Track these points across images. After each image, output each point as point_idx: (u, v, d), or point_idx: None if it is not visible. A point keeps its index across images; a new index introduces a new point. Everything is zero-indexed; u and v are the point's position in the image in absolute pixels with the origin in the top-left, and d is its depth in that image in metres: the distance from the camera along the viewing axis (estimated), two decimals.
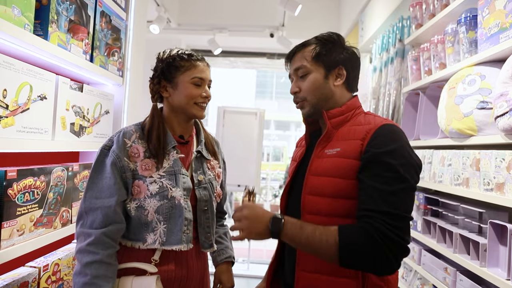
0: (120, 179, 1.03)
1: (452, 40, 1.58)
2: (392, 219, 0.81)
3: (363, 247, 0.80)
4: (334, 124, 0.98)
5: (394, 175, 0.84)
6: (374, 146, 0.87)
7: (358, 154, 0.89)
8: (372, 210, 0.82)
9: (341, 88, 1.00)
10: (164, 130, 1.10)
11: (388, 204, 0.82)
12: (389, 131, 0.90)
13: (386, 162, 0.84)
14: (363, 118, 0.97)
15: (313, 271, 0.93)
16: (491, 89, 1.29)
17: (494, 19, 1.28)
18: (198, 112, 1.11)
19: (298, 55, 1.02)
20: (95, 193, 1.03)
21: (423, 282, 1.79)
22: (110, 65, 1.64)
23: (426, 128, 1.81)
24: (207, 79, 1.12)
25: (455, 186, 1.46)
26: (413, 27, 2.01)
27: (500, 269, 1.22)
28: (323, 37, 1.01)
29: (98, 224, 1.00)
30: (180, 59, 1.10)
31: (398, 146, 0.87)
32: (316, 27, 3.90)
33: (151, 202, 1.02)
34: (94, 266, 0.97)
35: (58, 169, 1.29)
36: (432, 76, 1.75)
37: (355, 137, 0.92)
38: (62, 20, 1.27)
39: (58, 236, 1.30)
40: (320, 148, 0.98)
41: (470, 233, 1.40)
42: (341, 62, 0.99)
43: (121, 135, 1.08)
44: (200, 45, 4.32)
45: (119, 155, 1.04)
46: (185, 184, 1.06)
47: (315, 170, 0.95)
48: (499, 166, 1.21)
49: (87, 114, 1.48)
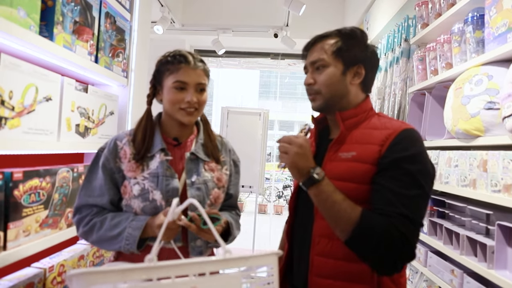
0: (110, 180, 1.07)
1: (459, 39, 1.56)
2: (411, 223, 0.81)
3: (379, 238, 0.79)
4: (347, 126, 0.95)
5: (411, 180, 0.83)
6: (394, 152, 0.86)
7: (375, 159, 0.87)
8: (392, 211, 0.81)
9: (356, 88, 0.97)
10: (152, 133, 1.09)
11: (407, 208, 0.81)
12: (409, 136, 0.89)
13: (404, 167, 0.84)
14: (378, 121, 0.95)
15: (327, 277, 0.91)
16: (498, 89, 1.28)
17: (501, 19, 1.26)
18: (183, 117, 1.06)
19: (318, 46, 0.97)
20: (88, 192, 1.08)
21: (429, 284, 1.77)
22: (114, 66, 1.65)
23: (432, 128, 1.79)
24: (193, 82, 1.05)
25: (462, 187, 1.45)
26: (418, 27, 1.99)
27: (508, 272, 1.20)
28: (346, 32, 0.97)
29: (95, 214, 1.06)
30: (166, 62, 1.07)
31: (418, 153, 0.86)
32: (320, 26, 3.87)
33: (135, 202, 1.04)
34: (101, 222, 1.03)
35: (63, 170, 1.30)
36: (438, 76, 1.73)
37: (372, 142, 0.90)
38: (67, 21, 1.27)
39: (64, 237, 1.31)
40: (333, 151, 0.95)
41: (477, 235, 1.38)
42: (361, 60, 0.95)
43: (114, 139, 1.11)
44: (204, 46, 4.33)
45: (108, 157, 1.07)
46: (168, 186, 1.04)
47: (329, 174, 0.91)
48: (507, 167, 1.19)
49: (92, 115, 1.48)
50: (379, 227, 0.80)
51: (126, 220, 1.01)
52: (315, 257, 0.93)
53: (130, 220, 1.01)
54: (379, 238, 0.80)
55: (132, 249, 0.99)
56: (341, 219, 0.83)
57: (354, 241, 0.83)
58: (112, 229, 1.02)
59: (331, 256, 0.90)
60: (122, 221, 1.02)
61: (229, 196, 1.19)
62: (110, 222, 1.03)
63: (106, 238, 1.02)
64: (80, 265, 1.39)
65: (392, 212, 0.81)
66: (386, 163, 0.85)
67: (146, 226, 1.00)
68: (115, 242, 1.01)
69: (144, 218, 1.01)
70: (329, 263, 0.91)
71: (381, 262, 0.82)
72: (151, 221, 1.00)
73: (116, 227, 1.01)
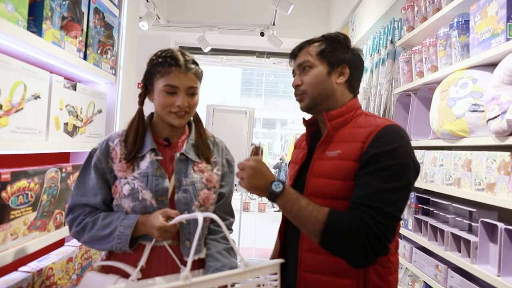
0: (102, 180, 1.07)
1: (444, 43, 1.62)
2: (381, 216, 0.82)
3: (346, 235, 0.82)
4: (334, 125, 0.98)
5: (390, 173, 0.85)
6: (375, 147, 0.88)
7: (358, 156, 0.90)
8: (364, 204, 0.84)
9: (342, 87, 1.00)
10: (143, 133, 1.09)
11: (380, 200, 0.83)
12: (390, 132, 0.90)
13: (383, 161, 0.86)
14: (364, 120, 0.97)
15: (315, 272, 0.94)
16: (482, 92, 1.34)
17: (486, 25, 1.32)
18: (174, 120, 1.06)
19: (303, 51, 1.02)
20: (81, 192, 1.07)
21: (413, 279, 1.84)
22: (103, 63, 1.61)
23: (417, 129, 1.85)
24: (184, 86, 1.04)
25: (447, 186, 1.51)
26: (404, 29, 2.04)
27: (491, 266, 1.27)
28: (329, 36, 1.02)
29: (87, 214, 1.05)
30: (157, 64, 1.06)
31: (398, 146, 0.87)
32: (306, 26, 3.92)
33: (126, 202, 1.04)
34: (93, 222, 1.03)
35: (51, 170, 1.26)
36: (423, 78, 1.79)
37: (356, 139, 0.93)
38: (56, 16, 1.23)
39: (52, 239, 1.27)
40: (321, 150, 0.98)
41: (461, 231, 1.44)
42: (345, 61, 0.99)
43: (106, 139, 1.10)
44: (190, 43, 4.28)
45: (100, 158, 1.07)
46: (158, 186, 1.03)
47: (316, 172, 0.96)
48: (490, 167, 1.25)
49: (80, 113, 1.44)
50: (345, 223, 0.83)
51: (117, 220, 1.01)
52: (304, 253, 0.96)
53: (121, 219, 1.00)
54: (347, 233, 0.82)
55: (124, 248, 0.98)
56: (309, 223, 0.86)
57: (325, 241, 0.85)
58: (103, 229, 1.01)
59: (318, 251, 0.92)
60: (114, 220, 1.01)
61: (221, 196, 1.18)
62: (102, 221, 1.02)
63: (98, 237, 1.01)
64: (68, 268, 1.35)
65: (363, 205, 0.84)
66: (367, 159, 0.88)
67: (138, 224, 0.99)
68: (107, 242, 1.00)
69: (135, 216, 1.01)
70: (316, 258, 0.93)
71: (352, 256, 0.84)
72: (143, 220, 1.00)
73: (108, 227, 1.01)
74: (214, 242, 1.12)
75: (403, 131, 0.92)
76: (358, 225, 0.82)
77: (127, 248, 0.98)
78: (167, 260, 1.05)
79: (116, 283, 0.99)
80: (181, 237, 1.06)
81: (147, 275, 1.02)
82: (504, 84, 1.20)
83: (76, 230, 1.04)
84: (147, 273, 1.02)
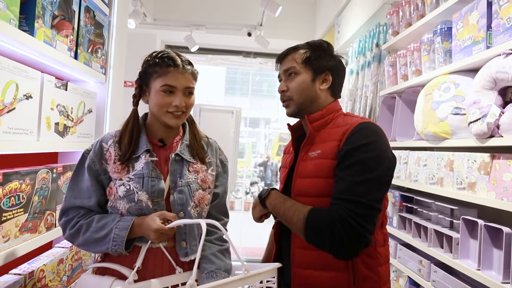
0: (97, 181, 1.06)
1: (428, 48, 1.69)
2: (355, 207, 0.86)
3: (324, 229, 0.87)
4: (315, 127, 1.03)
5: (362, 166, 0.89)
6: (349, 143, 0.93)
7: (335, 154, 0.95)
8: (339, 198, 0.89)
9: (326, 93, 1.06)
10: (138, 134, 1.09)
11: (353, 192, 0.87)
12: (364, 128, 0.95)
13: (356, 155, 0.90)
14: (342, 120, 1.03)
15: (307, 267, 0.98)
16: (464, 96, 1.41)
17: (467, 33, 1.39)
18: (171, 120, 1.07)
19: (289, 57, 1.07)
20: (75, 194, 1.06)
21: (398, 274, 1.91)
22: (93, 62, 1.59)
23: (401, 130, 1.93)
24: (181, 86, 1.05)
25: (430, 185, 1.58)
26: (390, 33, 2.11)
27: (471, 260, 1.34)
28: (314, 44, 1.07)
29: (82, 216, 1.04)
30: (154, 64, 1.06)
31: (370, 141, 0.92)
32: (292, 27, 3.97)
33: (121, 203, 1.03)
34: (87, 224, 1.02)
35: (43, 171, 1.24)
36: (408, 81, 1.87)
37: (333, 138, 0.98)
38: (47, 15, 1.21)
39: (43, 241, 1.26)
40: (304, 152, 1.03)
41: (443, 228, 1.52)
42: (329, 68, 1.05)
43: (100, 141, 1.10)
44: (176, 41, 4.24)
45: (94, 159, 1.06)
46: (154, 187, 1.03)
47: (301, 173, 1.02)
48: (471, 167, 1.33)
49: (71, 113, 1.43)
50: (323, 217, 0.89)
51: (113, 222, 1.00)
52: (295, 250, 1.00)
53: (116, 221, 1.00)
54: (324, 227, 0.87)
55: (119, 250, 0.98)
56: (293, 222, 0.94)
57: (309, 237, 0.90)
58: (98, 231, 1.00)
59: (308, 248, 0.96)
60: (109, 222, 1.01)
61: (216, 196, 1.19)
62: (96, 224, 1.01)
63: (93, 240, 1.00)
64: (59, 270, 1.34)
65: (338, 199, 0.88)
66: (342, 155, 0.93)
67: (133, 226, 0.99)
68: (102, 244, 0.99)
69: (131, 218, 1.00)
70: (307, 254, 0.98)
71: (332, 248, 0.87)
72: (139, 222, 1.00)
73: (103, 229, 1.00)
74: (209, 244, 1.12)
75: (376, 127, 0.97)
76: (333, 218, 0.86)
77: (122, 250, 0.98)
78: (163, 262, 1.06)
79: (112, 285, 0.99)
80: (177, 238, 1.07)
81: (143, 276, 1.02)
82: (485, 89, 1.27)
83: (70, 232, 1.03)
84: (142, 275, 1.02)
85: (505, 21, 1.19)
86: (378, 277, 0.98)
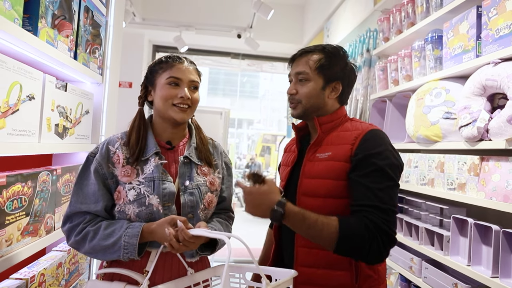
0: (103, 185, 1.04)
1: (419, 55, 1.77)
2: (383, 212, 0.91)
3: (361, 237, 0.88)
4: (324, 130, 1.07)
5: (381, 174, 0.94)
6: (363, 149, 0.97)
7: (348, 157, 0.98)
8: (366, 205, 0.92)
9: (333, 101, 1.09)
10: (145, 136, 1.09)
11: (379, 199, 0.92)
12: (376, 135, 1.00)
13: (374, 163, 0.95)
14: (350, 124, 1.07)
15: (310, 266, 1.01)
16: (454, 101, 1.49)
17: (458, 41, 1.47)
18: (177, 114, 1.06)
19: (303, 60, 1.08)
20: (81, 199, 1.03)
21: (389, 272, 1.98)
22: (91, 62, 1.57)
23: (392, 132, 2.00)
24: (187, 79, 1.07)
25: (421, 185, 1.65)
26: (380, 38, 2.19)
27: (461, 257, 1.42)
28: (330, 50, 1.08)
29: (88, 222, 1.02)
30: (160, 62, 1.10)
31: (384, 149, 0.97)
32: (281, 30, 4.01)
33: (130, 208, 1.02)
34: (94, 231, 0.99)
35: (43, 173, 1.22)
36: (399, 86, 1.94)
37: (345, 142, 1.01)
38: (49, 15, 1.19)
39: (43, 244, 1.24)
40: (312, 152, 1.06)
41: (434, 227, 1.59)
42: (340, 77, 1.08)
43: (105, 143, 1.08)
44: (165, 42, 4.21)
45: (101, 162, 1.04)
46: (165, 190, 1.03)
47: (308, 173, 1.04)
48: (461, 169, 1.40)
49: (69, 114, 1.40)
50: (357, 227, 0.89)
51: (121, 229, 0.99)
52: (299, 249, 1.02)
53: (125, 228, 0.98)
54: (361, 236, 0.88)
55: (132, 257, 0.97)
56: (322, 237, 0.91)
57: (340, 250, 0.91)
58: (106, 239, 0.98)
59: (312, 246, 1.00)
60: (116, 229, 0.99)
61: (222, 199, 1.21)
62: (104, 231, 0.99)
63: (101, 247, 0.98)
64: (58, 273, 1.31)
65: (365, 206, 0.91)
66: (359, 160, 0.96)
67: (143, 233, 0.98)
68: (112, 252, 0.98)
69: (139, 224, 0.99)
70: (311, 253, 1.01)
71: (369, 255, 0.90)
72: (149, 228, 0.98)
73: (111, 236, 0.98)
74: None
75: (384, 134, 1.03)
76: (367, 225, 0.89)
77: (135, 256, 0.97)
78: (172, 265, 1.06)
79: None
80: None
81: (153, 280, 1.01)
82: (474, 96, 1.35)
83: (76, 239, 1.00)
84: (152, 280, 1.01)
85: (494, 32, 1.27)
86: (378, 276, 1.03)
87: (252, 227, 4.27)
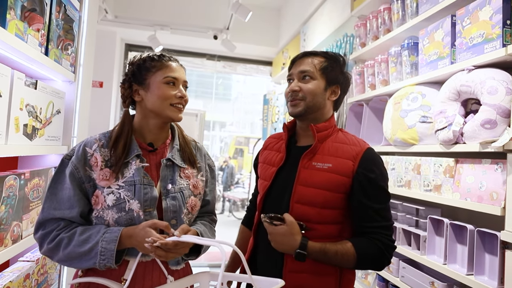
0: (80, 190, 0.98)
1: (395, 61, 1.82)
2: (387, 229, 1.04)
3: (375, 256, 1.02)
4: (320, 138, 1.09)
5: (385, 194, 1.05)
6: (366, 169, 1.03)
7: (350, 172, 1.03)
8: (375, 227, 1.02)
9: (330, 104, 1.13)
10: (131, 138, 1.04)
11: (385, 218, 1.04)
12: (374, 155, 1.08)
13: (379, 185, 1.04)
14: (344, 136, 1.11)
15: (299, 271, 1.03)
16: (430, 106, 1.55)
17: (433, 48, 1.53)
18: (174, 114, 1.05)
19: (308, 60, 1.11)
20: (54, 204, 0.97)
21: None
22: (63, 59, 1.48)
23: (369, 135, 2.05)
24: (181, 79, 1.07)
25: (398, 187, 1.70)
26: (357, 43, 2.24)
27: (437, 256, 1.47)
28: (332, 55, 1.12)
29: (62, 228, 0.96)
30: (150, 60, 1.06)
31: (383, 169, 1.06)
32: (257, 33, 4.02)
33: (109, 213, 0.97)
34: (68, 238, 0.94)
35: (10, 177, 1.12)
36: (375, 90, 1.99)
37: (345, 156, 1.05)
38: (18, 6, 1.11)
39: (9, 254, 1.14)
40: (307, 160, 1.07)
41: (411, 227, 1.64)
42: (339, 82, 1.12)
43: (82, 145, 1.02)
44: (138, 41, 4.08)
45: (77, 165, 0.98)
46: (146, 195, 0.99)
47: (304, 181, 1.05)
48: (437, 171, 1.46)
49: (39, 114, 1.31)
50: (371, 250, 1.01)
51: (98, 234, 0.93)
52: (288, 257, 1.03)
53: (102, 233, 0.93)
54: (375, 257, 1.02)
55: (109, 264, 0.92)
56: (342, 264, 1.03)
57: (360, 267, 1.03)
58: (82, 245, 0.92)
59: None
60: (93, 235, 0.93)
61: (206, 203, 1.17)
62: (79, 237, 0.93)
63: (76, 254, 0.92)
64: (25, 286, 1.21)
65: (374, 228, 1.02)
66: (363, 181, 1.02)
67: (122, 238, 0.93)
68: (87, 259, 0.92)
69: (118, 229, 0.94)
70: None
71: (380, 268, 1.05)
72: (128, 232, 0.93)
73: (87, 242, 0.92)
74: None
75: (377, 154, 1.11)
76: (379, 246, 1.01)
77: (112, 264, 0.91)
78: (153, 273, 1.01)
79: None
80: None
81: None
82: (450, 100, 1.41)
83: (48, 247, 0.93)
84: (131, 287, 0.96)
85: (468, 40, 1.33)
86: (355, 278, 1.12)
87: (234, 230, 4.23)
